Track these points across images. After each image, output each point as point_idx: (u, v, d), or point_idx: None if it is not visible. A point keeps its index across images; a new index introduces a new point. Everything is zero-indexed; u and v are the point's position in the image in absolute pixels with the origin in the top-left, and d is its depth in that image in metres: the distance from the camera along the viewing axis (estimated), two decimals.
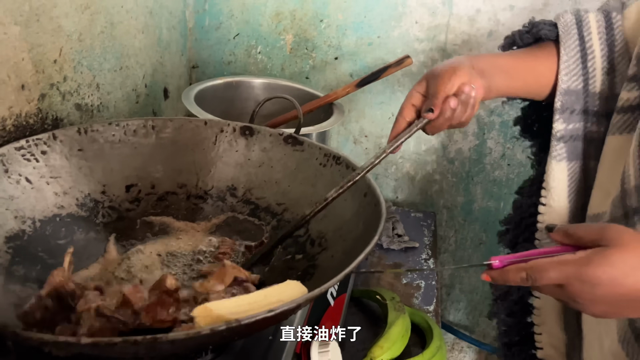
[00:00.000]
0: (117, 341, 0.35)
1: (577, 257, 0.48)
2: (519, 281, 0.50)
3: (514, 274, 0.50)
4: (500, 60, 0.69)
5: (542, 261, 0.49)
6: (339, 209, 0.65)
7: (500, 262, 0.52)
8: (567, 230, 0.51)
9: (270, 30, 1.12)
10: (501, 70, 0.67)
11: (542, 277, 0.49)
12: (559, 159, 0.68)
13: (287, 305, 0.41)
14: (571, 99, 0.67)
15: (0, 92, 0.61)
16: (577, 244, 0.50)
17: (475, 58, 0.67)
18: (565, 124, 0.67)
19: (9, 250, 0.56)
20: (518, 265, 0.51)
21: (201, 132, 0.75)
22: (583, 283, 0.47)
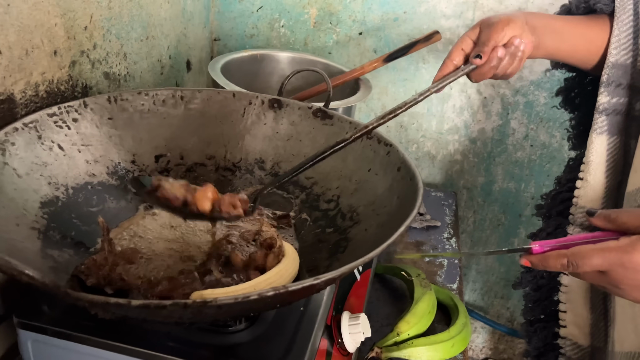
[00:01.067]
0: (167, 304, 0.35)
1: (621, 243, 0.47)
2: (560, 267, 0.50)
3: (555, 260, 0.50)
4: (554, 21, 0.69)
5: (584, 248, 0.49)
6: (371, 183, 0.65)
7: (541, 247, 0.52)
8: (609, 215, 0.50)
9: (294, 4, 1.11)
10: (553, 30, 0.68)
11: (584, 263, 0.48)
12: (599, 131, 0.67)
13: (331, 274, 0.40)
14: (618, 72, 0.66)
15: (35, 57, 0.60)
16: (619, 229, 0.50)
17: (530, 14, 0.68)
18: (609, 97, 0.67)
19: (45, 216, 0.56)
20: (559, 252, 0.50)
21: (229, 104, 0.75)
22: (626, 269, 0.47)
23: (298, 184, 0.71)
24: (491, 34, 0.64)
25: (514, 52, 0.65)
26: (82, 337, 0.52)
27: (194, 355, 0.51)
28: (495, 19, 0.66)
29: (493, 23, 0.65)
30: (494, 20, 0.65)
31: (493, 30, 0.64)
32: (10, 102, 0.58)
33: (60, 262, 0.52)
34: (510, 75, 0.68)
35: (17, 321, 0.54)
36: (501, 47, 0.64)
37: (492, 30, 0.64)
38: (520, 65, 0.67)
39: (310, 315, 0.58)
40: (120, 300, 0.35)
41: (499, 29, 0.64)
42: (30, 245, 0.51)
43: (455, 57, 0.67)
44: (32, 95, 0.61)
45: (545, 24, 0.68)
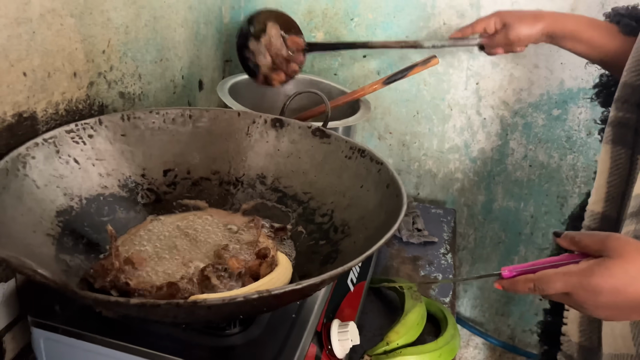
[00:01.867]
0: (161, 303, 0.40)
1: (581, 267, 0.51)
2: (528, 291, 0.54)
3: (523, 284, 0.54)
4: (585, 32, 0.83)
5: (548, 272, 0.52)
6: (363, 199, 0.69)
7: (510, 272, 0.56)
8: (573, 238, 0.54)
9: (302, 28, 1.16)
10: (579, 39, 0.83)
11: (548, 287, 0.52)
12: (605, 141, 0.72)
13: (313, 280, 0.45)
14: (627, 91, 0.71)
15: (56, 79, 0.66)
16: (582, 251, 0.53)
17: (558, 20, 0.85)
18: (616, 111, 0.71)
19: (59, 224, 0.61)
20: (526, 276, 0.54)
21: (234, 123, 0.80)
22: (587, 292, 0.50)
23: (296, 198, 0.75)
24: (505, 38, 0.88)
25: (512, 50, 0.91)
26: (90, 336, 0.57)
27: (192, 355, 0.55)
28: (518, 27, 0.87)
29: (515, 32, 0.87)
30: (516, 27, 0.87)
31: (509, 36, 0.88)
32: (32, 120, 0.63)
33: (72, 266, 0.57)
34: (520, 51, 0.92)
35: (32, 320, 0.59)
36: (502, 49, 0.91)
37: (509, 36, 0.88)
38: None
39: (302, 321, 0.62)
40: (119, 299, 0.40)
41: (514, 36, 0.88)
42: (46, 250, 0.56)
43: (478, 29, 0.91)
44: (52, 113, 0.67)
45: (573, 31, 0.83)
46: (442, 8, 1.08)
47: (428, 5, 1.09)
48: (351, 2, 1.12)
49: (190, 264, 0.61)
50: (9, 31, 0.57)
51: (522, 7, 1.05)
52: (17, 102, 0.61)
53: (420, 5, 1.09)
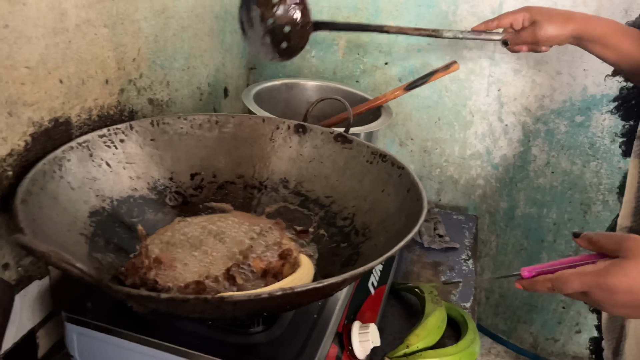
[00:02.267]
0: (190, 298, 0.42)
1: (597, 267, 0.52)
2: (546, 290, 0.56)
3: (541, 284, 0.56)
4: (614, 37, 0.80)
5: (565, 272, 0.54)
6: (384, 203, 0.70)
7: (529, 272, 0.58)
8: (591, 238, 0.55)
9: (324, 36, 1.18)
10: (607, 45, 0.80)
11: (566, 287, 0.54)
12: (634, 155, 0.72)
13: (334, 279, 0.46)
14: None
15: (89, 86, 0.69)
16: (599, 251, 0.55)
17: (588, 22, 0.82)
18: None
19: (92, 224, 0.63)
20: (545, 277, 0.56)
21: (259, 129, 0.82)
22: (603, 291, 0.51)
23: (318, 202, 0.77)
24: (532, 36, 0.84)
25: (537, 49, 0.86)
26: (121, 331, 0.59)
27: (217, 352, 0.57)
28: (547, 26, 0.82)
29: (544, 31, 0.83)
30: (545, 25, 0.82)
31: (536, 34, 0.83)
32: (67, 125, 0.67)
33: (104, 264, 0.60)
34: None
35: (65, 315, 0.61)
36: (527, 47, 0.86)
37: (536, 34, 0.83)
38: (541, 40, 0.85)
39: (323, 322, 0.63)
40: (151, 293, 0.42)
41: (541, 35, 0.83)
42: (79, 249, 0.59)
43: (503, 24, 0.87)
44: (85, 118, 0.70)
45: (602, 36, 0.80)
46: (463, 15, 1.09)
47: (450, 13, 1.10)
48: (373, 10, 1.13)
49: (215, 264, 0.63)
50: (47, 40, 0.61)
51: None
52: (53, 108, 0.64)
53: (442, 13, 1.10)
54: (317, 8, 1.16)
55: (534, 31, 0.84)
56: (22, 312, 0.64)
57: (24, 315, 0.64)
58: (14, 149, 0.59)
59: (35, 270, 0.65)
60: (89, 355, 0.62)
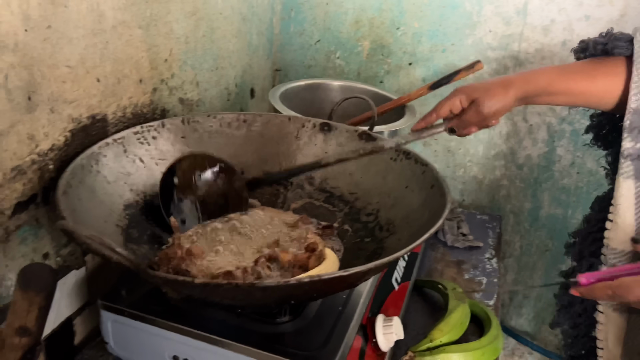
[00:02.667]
0: (223, 283, 0.44)
1: None
2: (606, 298, 0.56)
3: (601, 291, 0.55)
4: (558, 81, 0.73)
5: (627, 280, 0.54)
6: (408, 199, 0.71)
7: (587, 279, 0.58)
8: None
9: (349, 37, 1.20)
10: (552, 92, 0.74)
11: (628, 294, 0.53)
12: (625, 176, 0.68)
13: (359, 268, 0.48)
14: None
15: (124, 85, 0.72)
16: None
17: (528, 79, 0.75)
18: (633, 142, 0.68)
19: (127, 217, 0.66)
20: (605, 284, 0.55)
21: (285, 127, 0.84)
22: None
23: (342, 198, 0.79)
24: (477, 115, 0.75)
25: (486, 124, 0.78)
26: (153, 319, 0.62)
27: (246, 340, 0.59)
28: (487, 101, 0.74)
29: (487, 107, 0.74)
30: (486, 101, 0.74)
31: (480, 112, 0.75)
32: (103, 121, 0.70)
33: (138, 254, 0.63)
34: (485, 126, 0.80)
35: (101, 303, 0.64)
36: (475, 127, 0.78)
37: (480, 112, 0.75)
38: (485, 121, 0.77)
39: (348, 314, 0.65)
40: (186, 278, 0.44)
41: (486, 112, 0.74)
42: (116, 239, 0.62)
43: (442, 113, 0.80)
44: (120, 116, 0.73)
45: (546, 86, 0.73)
46: (487, 16, 1.10)
47: (474, 14, 1.11)
48: (397, 11, 1.15)
49: (244, 257, 0.65)
50: (86, 41, 0.64)
51: (570, 12, 1.05)
52: (91, 105, 0.67)
53: (466, 13, 1.11)
54: (342, 10, 1.18)
55: (476, 110, 0.75)
56: (60, 300, 0.67)
57: (62, 303, 0.67)
58: (54, 144, 0.62)
59: (73, 260, 0.68)
60: (123, 341, 0.65)
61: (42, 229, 0.62)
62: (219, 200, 0.75)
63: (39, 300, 0.45)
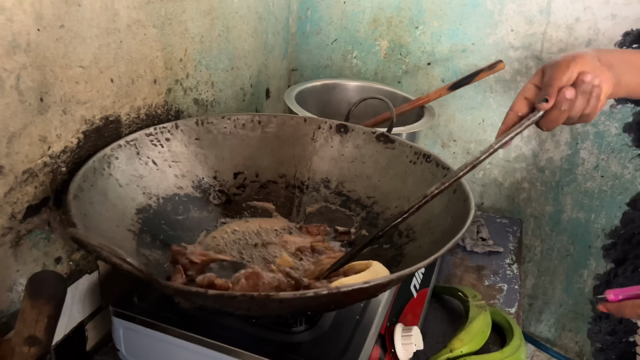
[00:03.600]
0: (237, 294, 0.42)
1: None
2: (636, 316, 0.53)
3: (632, 309, 0.53)
4: (631, 55, 0.63)
5: None
6: (429, 204, 0.69)
7: (615, 295, 0.55)
8: None
9: (366, 36, 1.18)
10: (633, 66, 0.61)
11: None
12: None
13: (379, 280, 0.45)
14: None
15: (138, 85, 0.71)
16: None
17: (602, 51, 0.61)
18: None
19: (139, 221, 0.65)
20: (635, 302, 0.53)
21: (301, 129, 0.82)
22: None
23: (360, 202, 0.77)
24: (554, 73, 0.57)
25: (586, 89, 0.55)
26: (165, 327, 0.60)
27: (261, 350, 0.57)
28: (559, 58, 0.59)
29: (556, 62, 0.58)
30: (557, 59, 0.58)
31: (556, 70, 0.57)
32: (117, 123, 0.68)
33: (151, 260, 0.61)
34: (589, 117, 0.59)
35: (113, 310, 0.63)
36: (569, 87, 0.56)
37: (555, 70, 0.57)
38: (599, 104, 0.57)
39: (366, 323, 0.63)
40: (199, 289, 0.42)
41: (563, 67, 0.57)
42: (128, 244, 0.60)
43: (519, 107, 0.61)
44: (134, 117, 0.71)
45: (623, 59, 0.61)
46: (510, 15, 1.07)
47: (495, 12, 1.07)
48: (416, 10, 1.12)
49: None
50: (100, 40, 0.62)
51: (595, 11, 1.02)
52: (104, 107, 0.65)
53: (487, 12, 1.08)
54: (360, 9, 1.16)
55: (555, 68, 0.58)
56: (72, 305, 0.66)
57: (75, 308, 0.66)
58: (67, 146, 0.61)
59: (85, 264, 0.67)
60: (134, 349, 0.64)
61: (54, 232, 0.61)
62: None
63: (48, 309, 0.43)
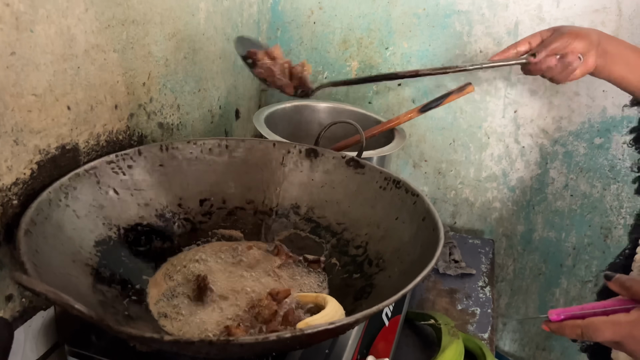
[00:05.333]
0: (195, 340, 0.39)
1: (631, 317, 0.49)
2: (575, 336, 0.53)
3: (570, 329, 0.54)
4: (630, 52, 0.72)
5: (597, 320, 0.52)
6: (398, 231, 0.68)
7: (557, 315, 0.56)
8: (624, 283, 0.52)
9: (337, 57, 1.17)
10: (625, 61, 0.71)
11: (597, 335, 0.51)
12: None
13: (346, 320, 0.44)
14: None
15: (98, 111, 0.68)
16: (632, 297, 0.52)
17: (608, 38, 0.72)
18: None
19: (98, 254, 0.62)
20: (574, 322, 0.53)
21: (270, 153, 0.80)
22: (638, 342, 0.49)
23: (330, 229, 0.75)
24: (555, 40, 0.71)
25: (567, 65, 0.72)
26: None
27: None
28: (569, 28, 0.71)
29: (565, 32, 0.71)
30: (567, 29, 0.71)
31: (559, 38, 0.71)
32: (74, 151, 0.65)
33: (109, 297, 0.58)
34: (560, 82, 0.76)
35: (68, 349, 0.59)
36: (556, 57, 0.71)
37: (559, 38, 0.71)
38: (568, 77, 0.73)
39: (335, 357, 0.61)
40: (154, 335, 0.40)
41: (564, 39, 0.71)
42: (84, 280, 0.57)
43: (521, 46, 0.76)
44: (94, 144, 0.69)
45: (620, 52, 0.71)
46: (478, 36, 1.08)
47: (464, 34, 1.08)
48: (386, 31, 1.12)
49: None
50: (55, 67, 0.60)
51: None
52: (60, 135, 0.63)
53: (456, 33, 1.08)
54: (330, 29, 1.15)
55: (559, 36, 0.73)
56: (25, 343, 0.62)
57: (27, 347, 0.63)
58: (19, 178, 0.58)
59: (39, 300, 0.63)
60: None
61: (4, 269, 0.58)
62: None
63: None
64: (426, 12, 1.09)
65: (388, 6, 1.10)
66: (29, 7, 0.55)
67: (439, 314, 0.82)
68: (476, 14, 1.06)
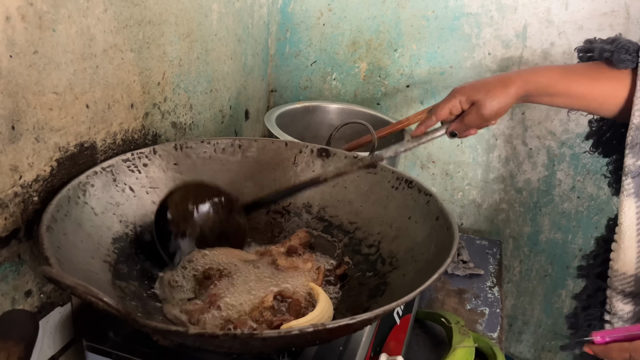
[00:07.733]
0: (219, 334, 0.40)
1: None
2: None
3: (618, 353, 0.53)
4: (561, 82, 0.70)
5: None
6: (411, 230, 0.68)
7: (602, 338, 0.55)
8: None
9: (345, 58, 1.18)
10: (554, 93, 0.70)
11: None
12: (626, 194, 0.66)
13: (366, 315, 0.44)
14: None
15: (115, 110, 0.69)
16: None
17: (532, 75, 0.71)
18: (634, 159, 0.66)
19: (115, 251, 0.63)
20: (622, 345, 0.53)
21: (282, 153, 0.81)
22: None
23: (342, 228, 0.76)
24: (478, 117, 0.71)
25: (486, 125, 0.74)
26: None
27: None
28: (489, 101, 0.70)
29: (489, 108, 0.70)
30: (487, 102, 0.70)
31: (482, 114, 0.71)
32: (92, 149, 0.66)
33: (127, 293, 0.59)
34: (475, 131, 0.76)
35: (86, 344, 0.60)
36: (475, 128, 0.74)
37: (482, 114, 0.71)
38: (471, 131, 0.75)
39: (349, 354, 0.61)
40: (179, 328, 0.41)
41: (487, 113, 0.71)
42: (103, 277, 0.58)
43: (442, 115, 0.74)
44: (110, 142, 0.69)
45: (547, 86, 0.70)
46: (487, 39, 1.08)
47: (473, 36, 1.09)
48: (395, 33, 1.13)
49: None
50: (75, 66, 0.60)
51: (569, 36, 1.04)
52: (79, 133, 0.63)
53: (465, 36, 1.09)
54: (339, 31, 1.16)
55: (477, 112, 0.71)
56: (43, 339, 0.63)
57: (45, 342, 0.63)
58: (39, 175, 0.58)
59: (57, 296, 0.64)
60: None
61: (24, 265, 0.58)
62: (217, 229, 0.71)
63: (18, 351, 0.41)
64: (435, 14, 1.09)
65: (397, 8, 1.11)
66: (52, 6, 0.55)
67: (449, 313, 0.82)
68: (485, 17, 1.07)
